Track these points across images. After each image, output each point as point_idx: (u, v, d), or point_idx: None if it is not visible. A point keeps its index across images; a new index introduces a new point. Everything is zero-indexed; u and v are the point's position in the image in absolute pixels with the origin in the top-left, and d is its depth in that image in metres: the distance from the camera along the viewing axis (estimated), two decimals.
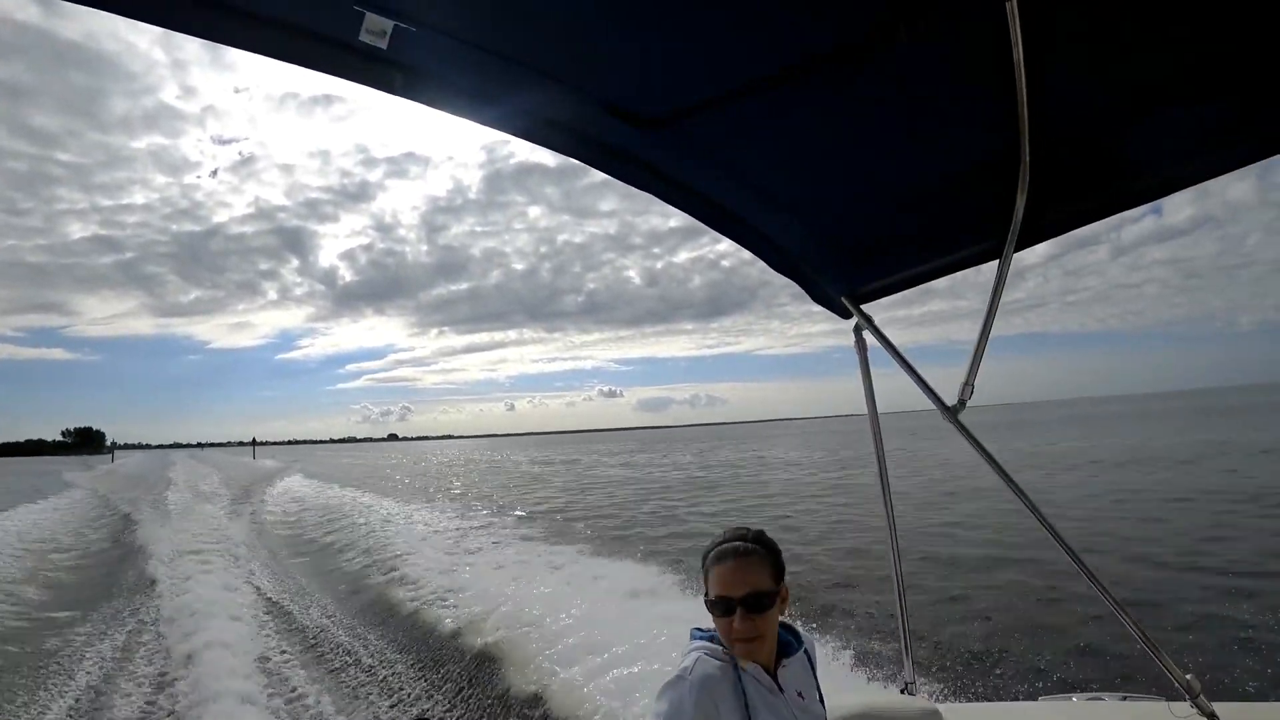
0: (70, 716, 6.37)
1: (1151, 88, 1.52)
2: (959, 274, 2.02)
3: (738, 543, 1.54)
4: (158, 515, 21.44)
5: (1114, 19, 1.35)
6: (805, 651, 1.66)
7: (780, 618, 1.60)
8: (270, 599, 10.78)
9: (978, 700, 5.51)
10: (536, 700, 5.86)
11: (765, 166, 1.81)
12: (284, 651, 8.15)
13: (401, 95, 1.39)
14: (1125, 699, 2.33)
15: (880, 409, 2.32)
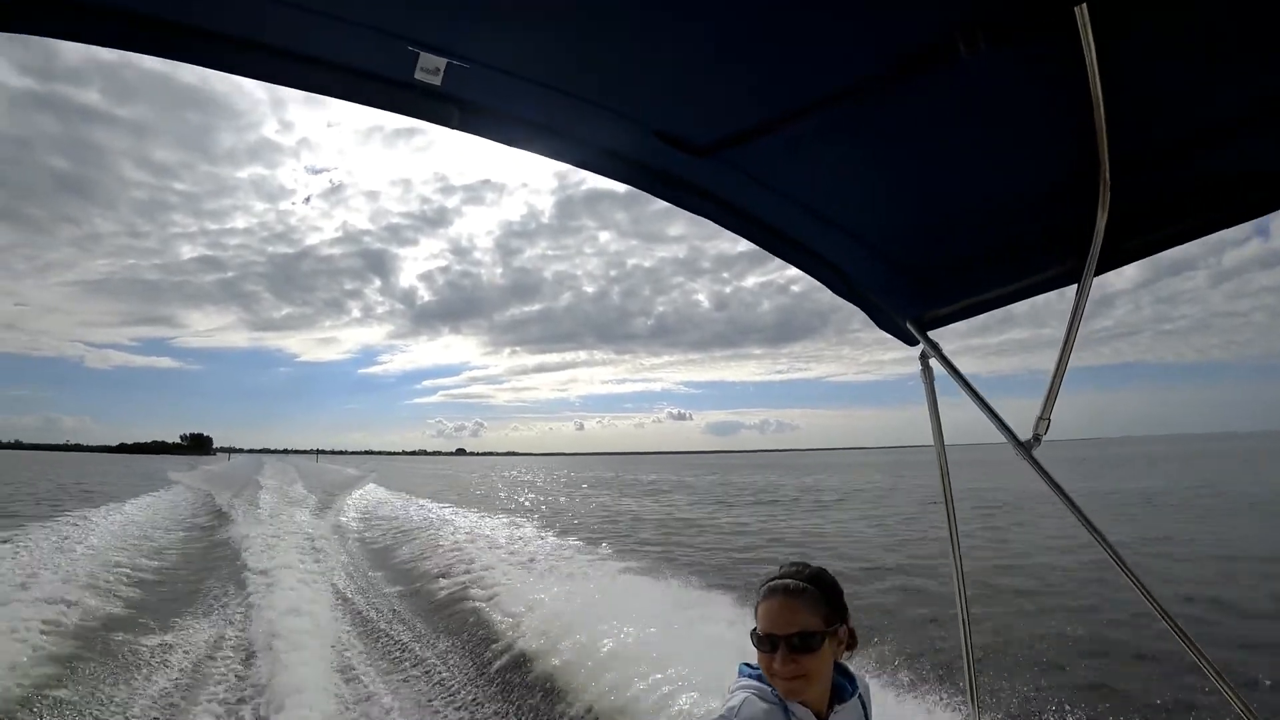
0: (160, 700, 6.82)
1: (1241, 102, 1.44)
2: (1039, 299, 1.91)
3: (790, 580, 1.51)
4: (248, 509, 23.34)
5: (1202, 28, 1.27)
6: (860, 697, 1.61)
7: (840, 660, 1.57)
8: (346, 597, 11.35)
9: None
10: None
11: (823, 189, 1.78)
12: (359, 651, 8.55)
13: (459, 129, 1.42)
14: None
15: (951, 440, 2.20)
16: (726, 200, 1.79)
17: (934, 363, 2.11)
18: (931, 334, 2.12)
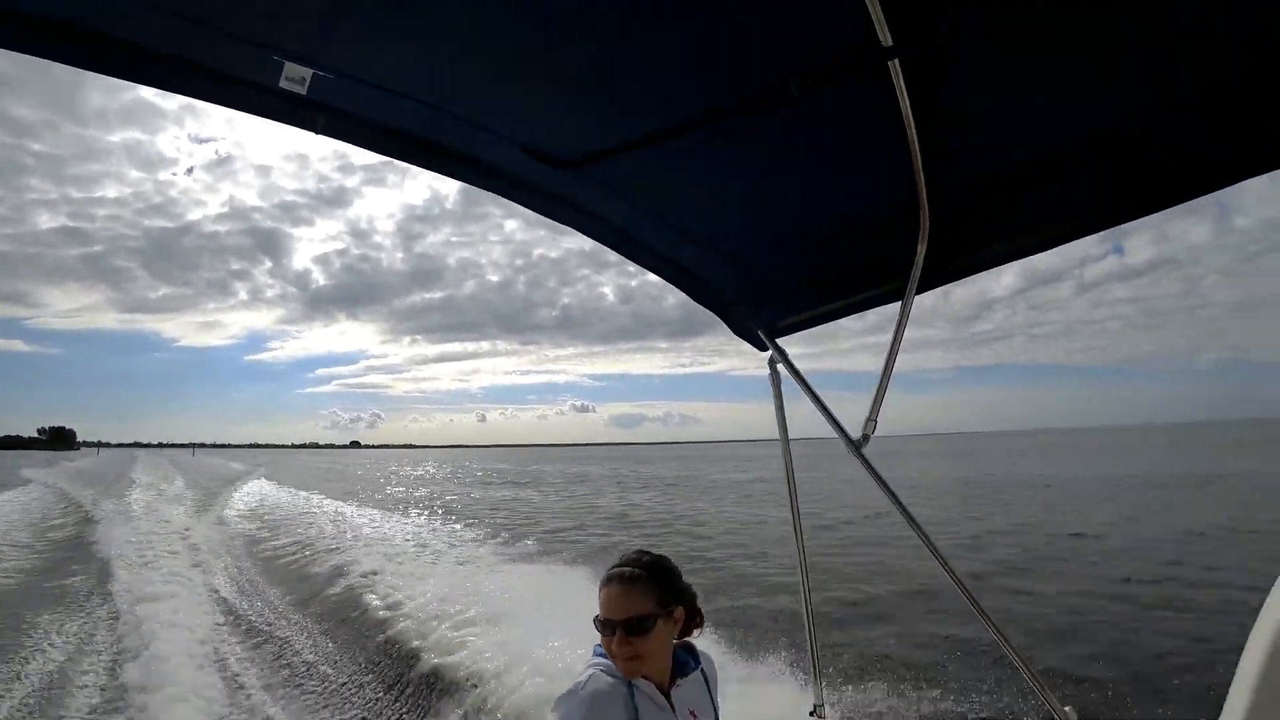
0: (23, 708, 6.41)
1: (1042, 145, 1.63)
2: (932, 306, 2.13)
3: (625, 569, 1.63)
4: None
5: (1006, 82, 1.45)
6: (702, 671, 1.75)
7: (689, 639, 1.74)
8: (224, 598, 10.92)
9: None
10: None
11: (684, 206, 1.88)
12: (235, 645, 8.33)
13: (324, 134, 1.42)
14: None
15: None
16: (593, 212, 1.85)
17: (781, 368, 2.26)
18: (779, 341, 2.26)
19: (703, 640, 1.81)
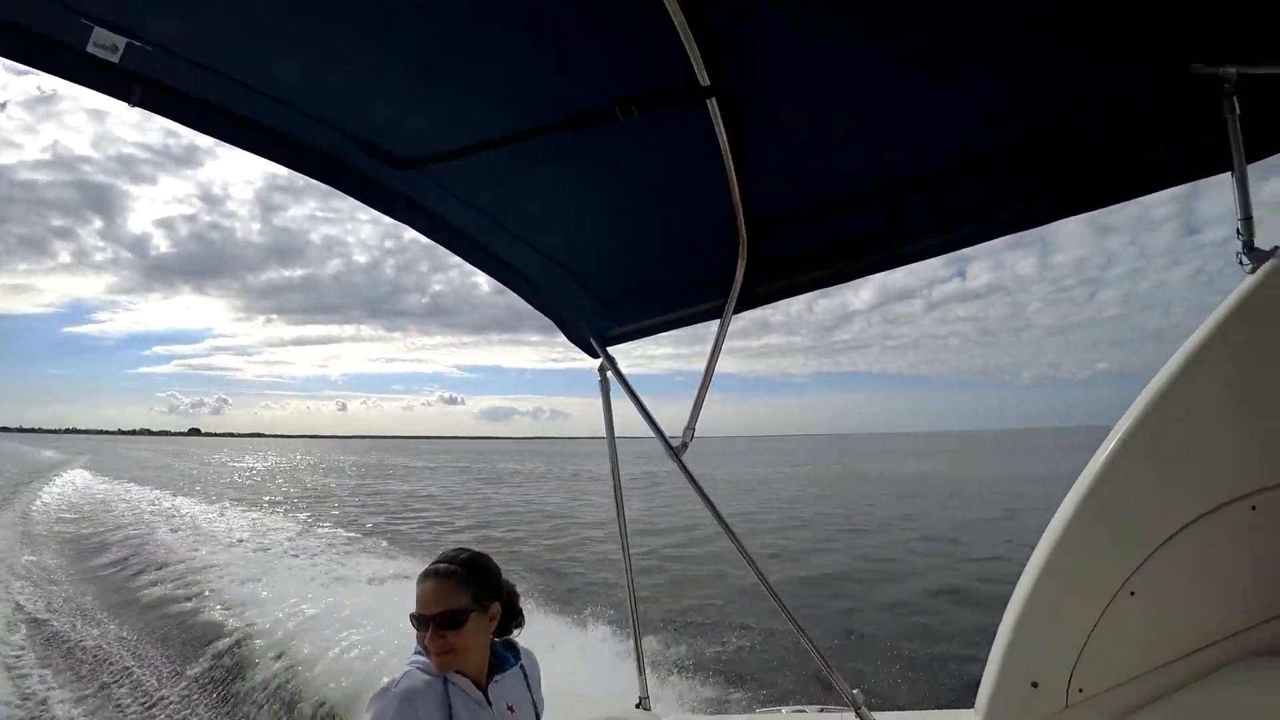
0: None
1: (850, 182, 1.77)
2: (797, 315, 2.40)
3: (440, 565, 1.64)
4: None
5: (816, 123, 1.57)
6: (521, 667, 1.77)
7: (509, 635, 1.78)
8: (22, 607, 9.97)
9: (705, 715, 6.01)
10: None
11: (522, 213, 1.91)
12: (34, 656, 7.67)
13: (140, 106, 1.34)
14: (802, 711, 2.46)
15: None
16: (431, 212, 1.84)
17: (611, 375, 2.35)
18: (610, 349, 2.33)
19: (531, 636, 1.87)
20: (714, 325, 2.15)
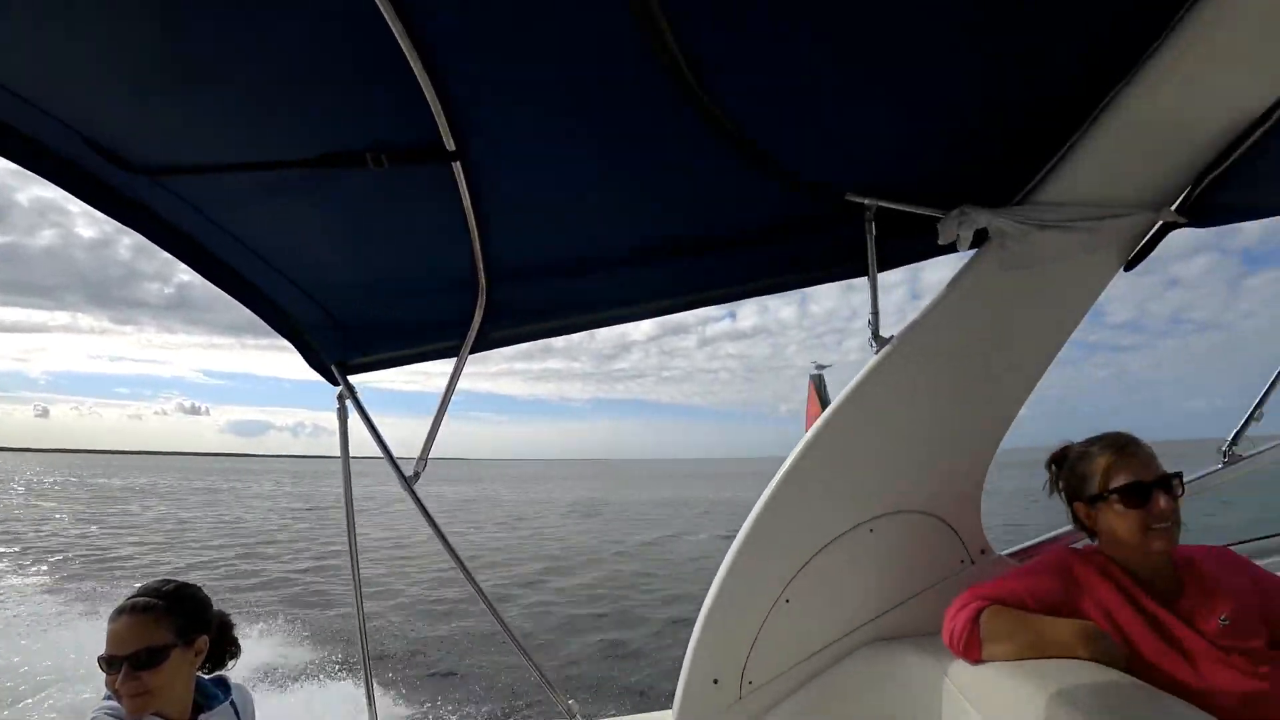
0: None
1: (572, 251, 1.95)
2: (579, 341, 2.46)
3: (137, 599, 1.53)
4: None
5: (542, 198, 1.70)
6: (232, 703, 1.69)
7: (221, 671, 1.72)
8: None
9: None
10: None
11: (269, 236, 1.89)
12: None
13: None
14: None
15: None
16: (171, 225, 1.77)
17: (350, 404, 2.36)
18: (352, 378, 2.37)
19: (253, 668, 1.88)
20: (452, 363, 2.30)
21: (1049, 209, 1.73)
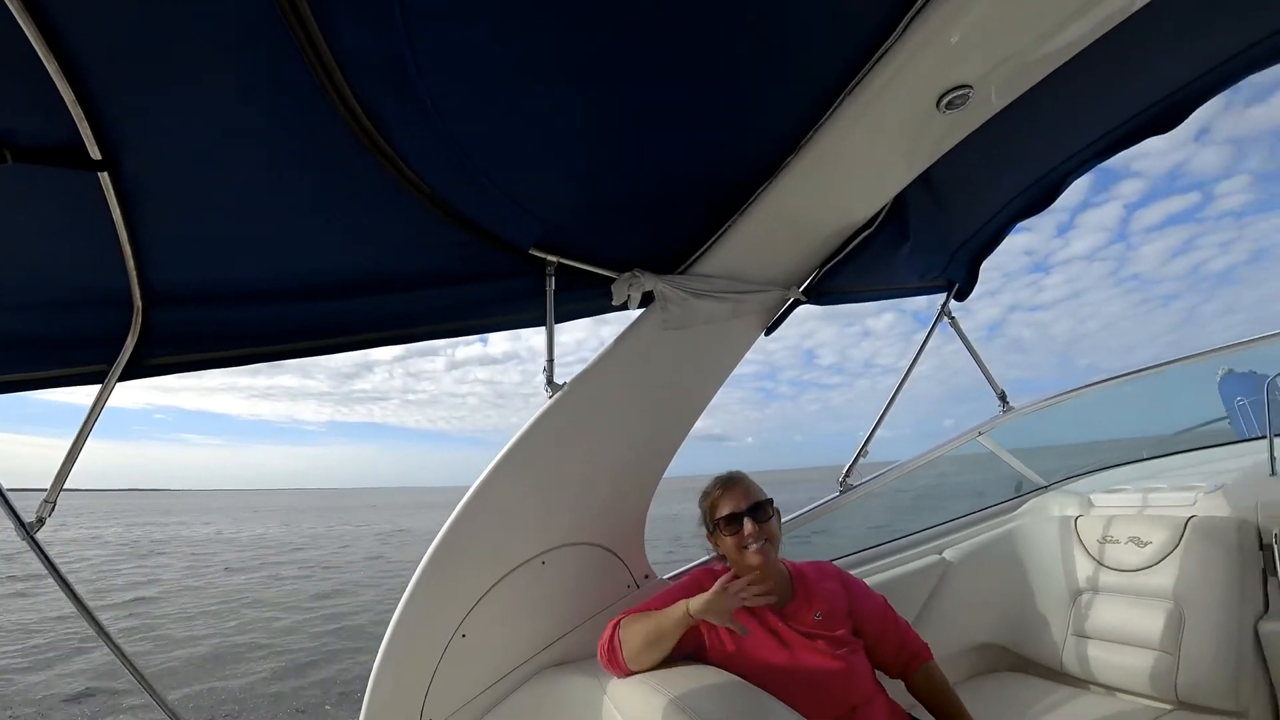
0: None
1: (256, 280, 1.82)
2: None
3: None
4: None
5: (212, 221, 1.59)
6: None
7: None
8: None
9: None
10: None
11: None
12: None
13: None
14: None
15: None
16: None
17: None
18: None
19: None
20: (96, 390, 1.99)
21: (705, 280, 2.00)
